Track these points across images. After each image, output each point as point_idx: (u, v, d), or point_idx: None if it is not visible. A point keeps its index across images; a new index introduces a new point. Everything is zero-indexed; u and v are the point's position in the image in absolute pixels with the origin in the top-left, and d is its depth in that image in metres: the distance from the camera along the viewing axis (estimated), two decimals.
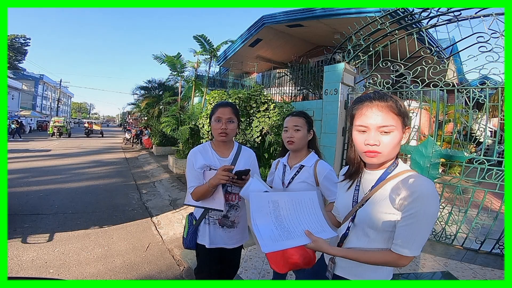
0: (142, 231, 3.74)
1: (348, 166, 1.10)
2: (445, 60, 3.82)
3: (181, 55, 8.95)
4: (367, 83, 4.31)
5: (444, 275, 2.71)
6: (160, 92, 13.91)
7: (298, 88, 7.83)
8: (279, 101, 6.97)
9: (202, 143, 2.08)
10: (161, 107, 12.56)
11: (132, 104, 18.21)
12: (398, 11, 3.84)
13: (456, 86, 3.36)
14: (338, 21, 7.75)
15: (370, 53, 4.13)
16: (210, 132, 5.46)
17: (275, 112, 5.17)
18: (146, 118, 14.96)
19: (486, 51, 3.10)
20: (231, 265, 1.79)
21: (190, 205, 1.61)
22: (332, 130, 4.31)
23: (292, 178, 1.64)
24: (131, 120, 25.36)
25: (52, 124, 21.96)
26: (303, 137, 1.63)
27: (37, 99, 41.30)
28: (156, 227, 3.92)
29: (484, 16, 3.20)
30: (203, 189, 1.50)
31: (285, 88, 8.44)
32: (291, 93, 8.15)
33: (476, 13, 3.26)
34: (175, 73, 9.42)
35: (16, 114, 25.72)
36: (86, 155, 11.35)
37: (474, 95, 3.19)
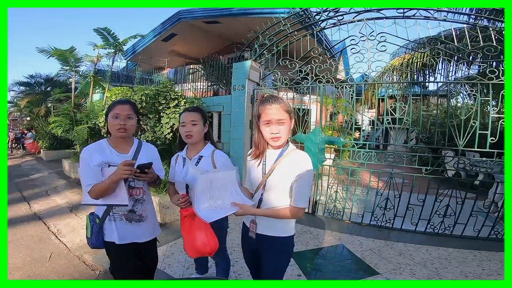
0: (39, 242, 3.26)
1: (254, 148, 1.46)
2: (328, 58, 4.30)
3: (75, 49, 7.69)
4: (272, 80, 4.67)
5: (344, 249, 3.12)
6: (48, 89, 11.70)
7: (210, 84, 7.87)
8: (191, 96, 6.85)
9: None
10: (49, 105, 10.52)
11: (9, 102, 14.60)
12: (299, 13, 4.21)
13: (334, 82, 3.97)
14: (252, 20, 8.00)
15: (273, 52, 4.48)
16: None
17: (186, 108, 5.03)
18: (28, 118, 12.32)
19: (356, 52, 3.72)
20: (147, 259, 1.81)
21: (90, 205, 1.56)
22: (240, 123, 4.50)
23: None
24: (8, 121, 20.32)
25: None
26: (200, 131, 1.75)
27: None
28: (56, 236, 3.46)
29: (358, 21, 3.79)
30: (103, 186, 1.47)
31: (197, 83, 8.34)
32: (203, 88, 8.13)
33: (353, 18, 3.84)
34: (68, 67, 8.03)
35: None
36: None
37: (347, 90, 3.84)
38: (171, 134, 4.98)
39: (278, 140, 1.31)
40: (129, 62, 11.93)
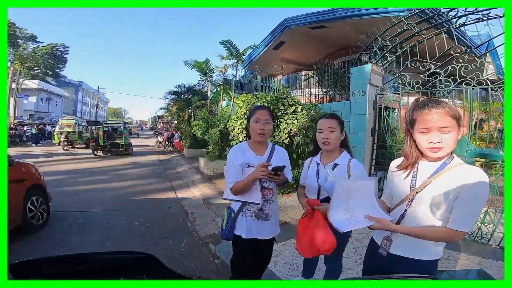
0: (180, 228, 4.02)
1: (403, 158, 1.31)
2: (476, 57, 3.66)
3: (209, 61, 9.41)
4: (396, 83, 4.27)
5: (480, 274, 2.63)
6: (189, 96, 14.47)
7: (325, 89, 7.84)
8: (306, 102, 7.05)
9: (232, 145, 2.25)
10: (190, 111, 13.13)
11: (164, 108, 19.11)
12: (425, 10, 3.77)
13: (489, 84, 3.23)
14: (361, 21, 7.59)
15: (397, 54, 4.10)
16: (239, 134, 5.69)
17: (302, 114, 5.27)
18: (176, 121, 15.62)
19: None
20: (263, 256, 1.92)
21: (229, 199, 1.76)
22: (361, 130, 4.34)
23: (327, 176, 1.73)
24: (161, 124, 26.57)
25: (58, 129, 15.99)
26: (337, 138, 1.75)
27: (77, 105, 44.75)
28: (192, 224, 4.18)
29: None
30: (242, 184, 1.64)
31: (311, 89, 8.47)
32: (317, 94, 8.18)
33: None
34: (204, 77, 9.86)
35: (50, 119, 27.39)
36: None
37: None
38: (288, 139, 5.32)
39: (439, 151, 1.12)
40: (246, 70, 13.41)
